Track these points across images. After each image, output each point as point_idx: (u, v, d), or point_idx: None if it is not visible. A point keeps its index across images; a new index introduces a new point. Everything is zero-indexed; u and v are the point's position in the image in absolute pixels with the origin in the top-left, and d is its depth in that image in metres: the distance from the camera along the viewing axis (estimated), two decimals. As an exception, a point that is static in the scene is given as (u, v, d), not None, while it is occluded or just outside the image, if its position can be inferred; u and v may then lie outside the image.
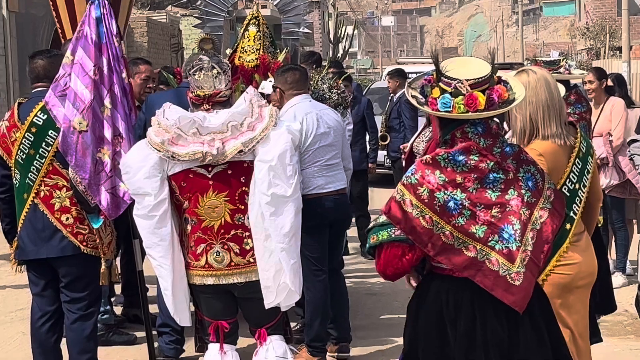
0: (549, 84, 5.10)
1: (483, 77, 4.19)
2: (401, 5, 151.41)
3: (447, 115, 4.19)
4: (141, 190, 5.28)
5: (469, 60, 4.42)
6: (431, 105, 4.21)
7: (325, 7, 55.97)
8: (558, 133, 5.04)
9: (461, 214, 4.15)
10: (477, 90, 4.15)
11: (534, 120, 5.06)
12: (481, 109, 4.14)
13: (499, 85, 4.22)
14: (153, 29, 29.55)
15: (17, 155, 5.95)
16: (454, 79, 4.19)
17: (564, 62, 8.49)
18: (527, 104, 5.03)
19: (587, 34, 48.89)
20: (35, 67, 6.20)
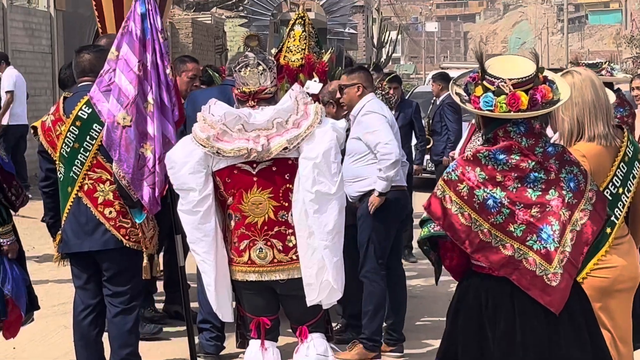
0: (594, 84, 5.04)
1: (527, 76, 4.16)
2: (445, 11, 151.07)
3: (489, 114, 4.18)
4: (186, 185, 5.28)
5: (514, 58, 4.40)
6: (474, 103, 4.20)
7: (370, 11, 55.92)
8: (605, 133, 4.97)
9: (500, 212, 4.14)
10: (520, 90, 4.12)
11: (580, 122, 5.00)
12: (523, 108, 4.12)
13: (544, 85, 4.19)
14: (198, 30, 29.67)
15: (61, 149, 5.98)
16: (497, 78, 4.17)
17: (606, 65, 8.42)
18: (573, 105, 4.97)
19: (633, 42, 48.51)
20: (82, 62, 6.24)
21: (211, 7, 38.27)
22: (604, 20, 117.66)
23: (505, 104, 4.12)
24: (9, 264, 6.19)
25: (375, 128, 7.22)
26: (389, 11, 71.20)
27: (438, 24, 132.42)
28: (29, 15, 19.97)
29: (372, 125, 7.25)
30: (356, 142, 7.31)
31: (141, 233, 5.96)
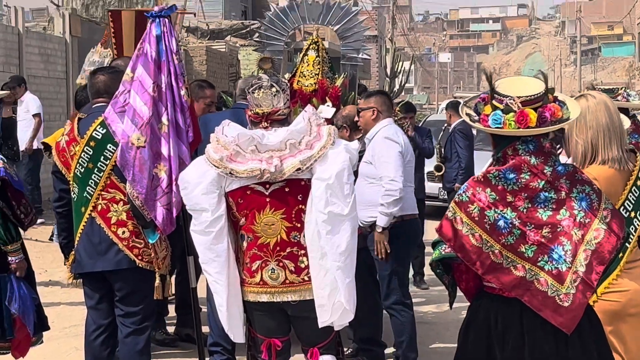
0: (608, 108, 5.05)
1: (535, 94, 4.18)
2: (458, 42, 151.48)
3: (498, 132, 4.19)
4: (199, 206, 5.28)
5: (523, 78, 4.42)
6: (483, 122, 4.22)
7: (383, 41, 56.06)
8: (619, 157, 4.97)
9: (511, 233, 4.14)
10: (528, 108, 4.14)
11: (594, 145, 5.00)
12: (532, 126, 4.13)
13: (554, 104, 4.20)
14: (212, 58, 29.79)
15: (75, 169, 6.01)
16: (506, 96, 4.19)
17: (622, 91, 8.41)
18: (587, 128, 4.98)
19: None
20: (96, 83, 6.29)
21: (225, 35, 38.48)
22: (617, 53, 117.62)
23: (514, 121, 4.14)
24: (17, 282, 6.22)
25: (386, 159, 7.25)
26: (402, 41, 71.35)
27: (451, 54, 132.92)
28: (44, 41, 20.12)
29: (384, 154, 7.28)
30: (368, 166, 7.34)
31: (154, 253, 5.97)
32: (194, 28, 39.37)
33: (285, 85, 5.55)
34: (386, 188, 7.14)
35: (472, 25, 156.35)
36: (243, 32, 39.41)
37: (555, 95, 4.27)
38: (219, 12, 45.93)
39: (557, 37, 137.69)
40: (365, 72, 47.51)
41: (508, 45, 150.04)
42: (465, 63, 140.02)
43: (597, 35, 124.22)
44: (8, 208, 6.33)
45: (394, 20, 52.66)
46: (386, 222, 7.18)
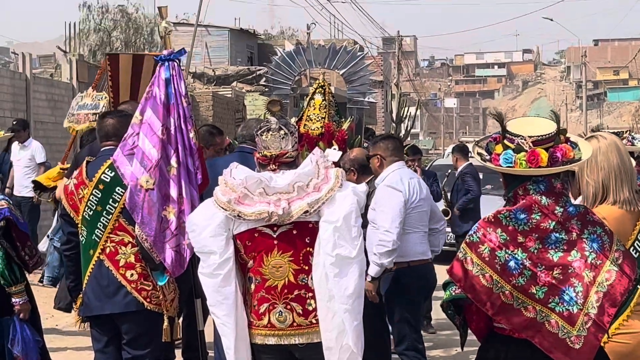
0: (619, 149, 5.06)
1: (547, 134, 4.19)
2: (464, 87, 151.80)
3: (509, 171, 4.20)
4: (206, 248, 5.28)
5: (534, 119, 4.43)
6: (494, 161, 4.23)
7: (389, 87, 56.26)
8: (630, 199, 4.96)
9: (522, 274, 4.12)
10: (540, 147, 4.15)
11: (605, 186, 4.99)
12: (543, 165, 4.13)
13: (565, 144, 4.21)
14: (218, 103, 29.93)
15: (84, 212, 6.03)
16: (517, 136, 4.20)
17: (627, 134, 8.42)
18: (599, 169, 4.98)
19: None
20: (105, 126, 6.32)
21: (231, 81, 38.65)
22: (623, 97, 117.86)
23: (525, 160, 4.14)
24: (20, 324, 6.22)
25: (384, 208, 7.25)
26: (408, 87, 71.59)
27: (457, 100, 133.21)
28: (51, 87, 20.24)
29: (383, 202, 7.30)
30: (373, 212, 7.35)
31: (162, 295, 5.97)
32: (200, 74, 39.57)
33: (294, 128, 5.56)
34: (380, 238, 7.14)
35: (478, 71, 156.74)
36: (249, 77, 39.61)
37: (568, 136, 4.28)
38: (225, 58, 46.16)
39: (563, 82, 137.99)
40: (371, 117, 47.62)
41: (514, 91, 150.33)
42: (471, 108, 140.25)
43: (603, 80, 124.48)
44: (12, 249, 6.35)
45: (399, 66, 52.89)
46: (377, 272, 7.20)
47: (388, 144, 7.65)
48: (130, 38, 40.22)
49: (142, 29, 40.91)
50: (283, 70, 9.64)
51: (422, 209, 7.52)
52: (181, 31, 44.04)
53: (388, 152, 7.57)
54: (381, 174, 7.51)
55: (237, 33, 48.61)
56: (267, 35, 59.80)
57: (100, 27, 39.91)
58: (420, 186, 7.60)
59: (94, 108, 10.51)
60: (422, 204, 7.54)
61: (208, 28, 46.20)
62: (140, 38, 40.55)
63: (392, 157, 7.59)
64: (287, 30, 69.88)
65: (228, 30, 47.88)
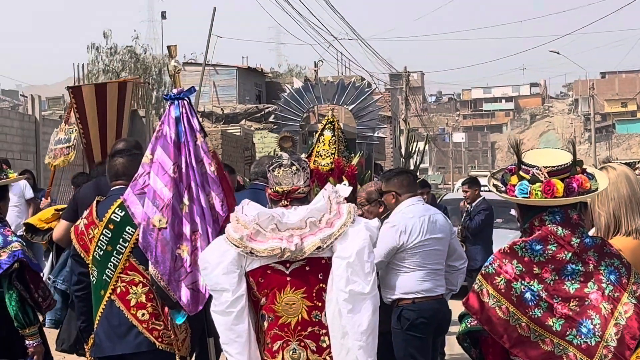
0: (629, 178, 5.03)
1: (562, 165, 4.18)
2: (472, 122, 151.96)
3: (524, 201, 4.18)
4: (219, 286, 5.24)
5: (550, 150, 4.42)
6: (509, 192, 4.22)
7: (397, 122, 56.33)
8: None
9: (538, 305, 4.09)
10: (555, 178, 4.13)
11: (617, 216, 4.96)
12: (559, 196, 4.11)
13: (581, 175, 4.19)
14: (227, 142, 29.99)
15: (94, 252, 6.00)
16: (532, 166, 4.19)
17: (638, 164, 8.39)
18: (609, 200, 4.95)
19: (661, 149, 48.45)
20: (115, 165, 6.32)
21: (240, 119, 38.78)
22: (632, 129, 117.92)
23: (540, 191, 4.13)
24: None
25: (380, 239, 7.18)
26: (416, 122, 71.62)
27: (465, 134, 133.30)
28: (61, 128, 20.26)
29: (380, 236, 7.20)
30: None
31: (174, 335, 5.93)
32: (209, 113, 39.72)
33: (305, 164, 5.55)
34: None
35: (485, 105, 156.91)
36: (257, 115, 39.75)
37: (584, 167, 4.27)
38: (233, 97, 46.36)
39: (571, 115, 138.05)
40: (380, 152, 47.64)
41: (522, 124, 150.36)
42: (480, 142, 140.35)
43: (611, 112, 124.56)
44: (26, 291, 6.32)
45: (407, 101, 52.95)
46: None
47: (403, 180, 7.65)
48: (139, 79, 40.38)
49: (151, 69, 41.11)
50: (292, 107, 9.65)
51: (429, 248, 7.47)
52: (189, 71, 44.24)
53: (403, 188, 7.57)
54: (395, 210, 7.50)
55: (244, 71, 48.82)
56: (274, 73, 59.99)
57: (109, 68, 40.11)
58: (435, 224, 7.56)
59: (67, 142, 10.70)
60: (431, 243, 7.48)
61: (216, 67, 46.43)
62: (149, 78, 40.72)
63: (407, 194, 7.59)
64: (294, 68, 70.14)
65: (236, 69, 48.11)
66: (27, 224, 7.88)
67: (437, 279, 7.52)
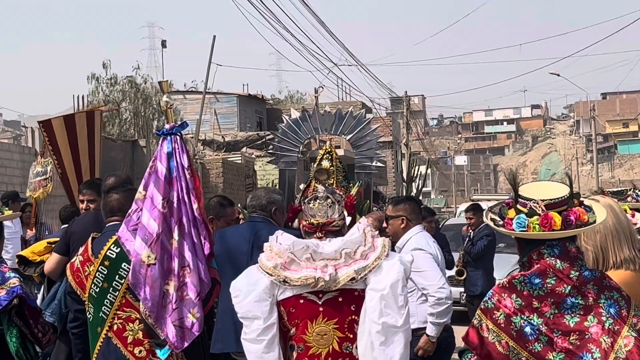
0: (614, 209, 5.01)
1: (559, 197, 4.17)
2: (474, 144, 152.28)
3: (522, 235, 4.17)
4: (250, 313, 5.20)
5: (547, 183, 4.42)
6: (507, 225, 4.21)
7: (399, 147, 56.43)
8: (632, 257, 4.91)
9: (538, 339, 4.07)
10: (553, 211, 4.11)
11: (604, 249, 4.94)
12: (557, 229, 4.10)
13: (579, 207, 4.17)
14: (228, 170, 30.01)
15: (90, 289, 5.97)
16: (529, 199, 4.19)
17: (631, 192, 8.37)
18: (595, 233, 4.93)
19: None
20: (110, 202, 6.31)
21: (241, 147, 38.84)
22: (633, 150, 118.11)
23: (538, 224, 4.12)
24: None
25: (425, 269, 7.20)
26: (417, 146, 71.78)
27: (467, 157, 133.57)
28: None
29: (421, 265, 7.22)
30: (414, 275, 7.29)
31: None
32: (210, 141, 39.77)
33: (340, 197, 5.56)
34: (436, 297, 7.08)
35: (487, 128, 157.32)
36: (258, 142, 39.82)
37: (582, 200, 4.25)
38: (234, 124, 46.47)
39: (573, 136, 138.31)
40: (381, 177, 47.69)
41: (524, 146, 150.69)
42: (482, 165, 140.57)
43: (613, 133, 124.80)
44: (25, 327, 6.29)
45: (408, 126, 53.07)
46: (437, 331, 7.17)
47: (414, 206, 7.68)
48: (139, 108, 40.50)
49: (151, 99, 41.20)
50: (289, 138, 9.64)
51: None
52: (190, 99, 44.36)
53: (414, 215, 7.58)
54: (404, 237, 7.47)
55: (245, 99, 48.98)
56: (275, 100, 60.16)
57: (109, 99, 40.20)
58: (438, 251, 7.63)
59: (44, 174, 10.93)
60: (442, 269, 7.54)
61: (217, 95, 46.60)
62: (149, 108, 40.81)
63: (416, 221, 7.59)
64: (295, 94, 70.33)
65: (236, 97, 48.27)
66: (20, 256, 7.86)
67: None
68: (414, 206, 7.66)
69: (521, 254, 4.30)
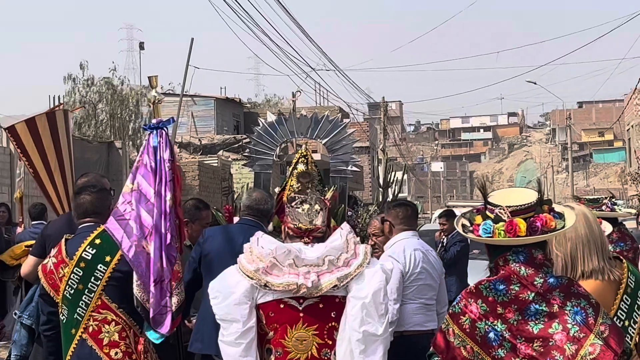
0: (587, 218, 5.05)
1: (526, 204, 4.21)
2: (451, 151, 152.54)
3: (488, 241, 4.22)
4: (229, 316, 5.21)
5: (517, 189, 4.46)
6: (475, 231, 4.25)
7: (375, 152, 56.44)
8: (601, 267, 4.94)
9: (501, 345, 4.10)
10: (519, 217, 4.15)
11: (574, 257, 4.98)
12: (522, 235, 4.14)
13: (547, 214, 4.20)
14: (204, 173, 29.95)
15: (65, 291, 5.96)
16: (496, 206, 4.22)
17: (606, 200, 8.41)
18: (566, 241, 4.97)
19: (638, 179, 48.62)
20: (83, 203, 6.29)
21: (218, 150, 38.77)
22: (608, 159, 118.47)
23: (503, 230, 4.15)
24: None
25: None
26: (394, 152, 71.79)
27: (444, 163, 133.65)
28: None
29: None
30: None
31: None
32: (187, 143, 39.68)
33: (324, 205, 5.57)
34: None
35: (464, 134, 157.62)
36: (235, 146, 39.74)
37: (552, 207, 4.28)
38: (211, 127, 46.36)
39: (548, 144, 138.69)
40: (358, 182, 47.69)
41: (500, 154, 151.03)
42: (458, 172, 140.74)
43: (588, 141, 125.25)
44: None
45: (385, 131, 53.09)
46: None
47: (399, 212, 7.68)
48: (116, 110, 40.38)
49: (128, 101, 41.09)
50: (265, 141, 9.64)
51: (422, 282, 7.47)
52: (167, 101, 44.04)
53: (397, 220, 7.61)
54: (389, 241, 7.52)
55: (222, 102, 48.88)
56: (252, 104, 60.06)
57: (86, 100, 40.05)
58: (428, 259, 7.58)
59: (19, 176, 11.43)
60: (424, 277, 7.49)
61: (194, 98, 46.46)
62: (126, 110, 40.70)
63: (401, 226, 7.61)
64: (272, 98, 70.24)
65: (214, 100, 48.16)
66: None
67: (429, 313, 7.50)
68: (399, 212, 7.65)
69: (489, 260, 4.35)
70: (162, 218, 6.04)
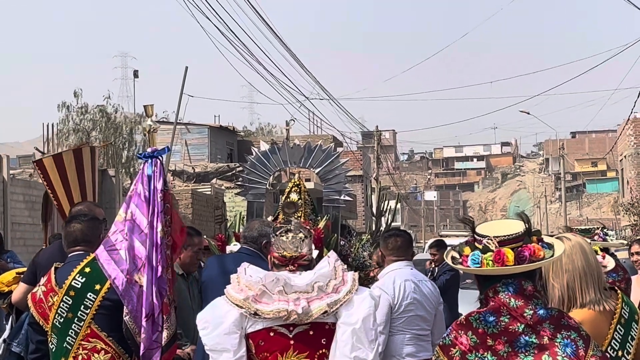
0: (584, 249, 5.06)
1: (513, 234, 4.21)
2: (444, 180, 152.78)
3: (477, 271, 4.21)
4: (220, 346, 5.17)
5: (505, 221, 4.47)
6: (463, 262, 4.26)
7: (369, 181, 56.49)
8: (597, 299, 4.95)
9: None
10: (506, 247, 4.15)
11: (571, 288, 4.99)
12: (510, 264, 4.13)
13: (535, 244, 4.20)
14: (197, 201, 29.94)
15: (54, 319, 5.94)
16: (484, 236, 4.22)
17: (598, 230, 8.42)
18: (563, 272, 4.98)
19: (631, 209, 48.70)
20: (73, 232, 6.28)
21: (211, 178, 38.78)
22: (601, 189, 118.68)
23: (491, 260, 4.15)
24: None
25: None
26: (387, 180, 71.86)
27: (437, 193, 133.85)
28: (29, 188, 20.17)
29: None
30: None
31: (135, 402, 5.87)
32: (180, 171, 39.69)
33: (309, 233, 5.56)
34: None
35: (457, 164, 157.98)
36: (228, 174, 39.76)
37: (541, 237, 4.28)
38: (205, 155, 46.40)
39: (542, 174, 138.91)
40: (351, 211, 47.70)
41: (493, 183, 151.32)
42: (451, 201, 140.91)
43: (581, 171, 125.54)
44: None
45: (378, 160, 53.19)
46: None
47: (388, 243, 7.66)
48: (110, 138, 40.41)
49: (122, 128, 41.14)
50: (258, 170, 9.63)
51: (412, 313, 7.43)
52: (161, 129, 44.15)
53: (387, 251, 7.60)
54: (381, 272, 7.53)
55: (216, 130, 48.95)
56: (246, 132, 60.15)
57: (80, 127, 40.09)
58: (420, 290, 7.54)
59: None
60: (414, 308, 7.44)
61: (188, 126, 46.53)
62: (119, 137, 40.74)
63: (391, 257, 7.60)
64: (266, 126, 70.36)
65: (207, 128, 48.22)
66: None
67: (421, 344, 7.45)
68: (389, 242, 7.61)
69: (480, 292, 4.34)
70: (154, 250, 6.02)
